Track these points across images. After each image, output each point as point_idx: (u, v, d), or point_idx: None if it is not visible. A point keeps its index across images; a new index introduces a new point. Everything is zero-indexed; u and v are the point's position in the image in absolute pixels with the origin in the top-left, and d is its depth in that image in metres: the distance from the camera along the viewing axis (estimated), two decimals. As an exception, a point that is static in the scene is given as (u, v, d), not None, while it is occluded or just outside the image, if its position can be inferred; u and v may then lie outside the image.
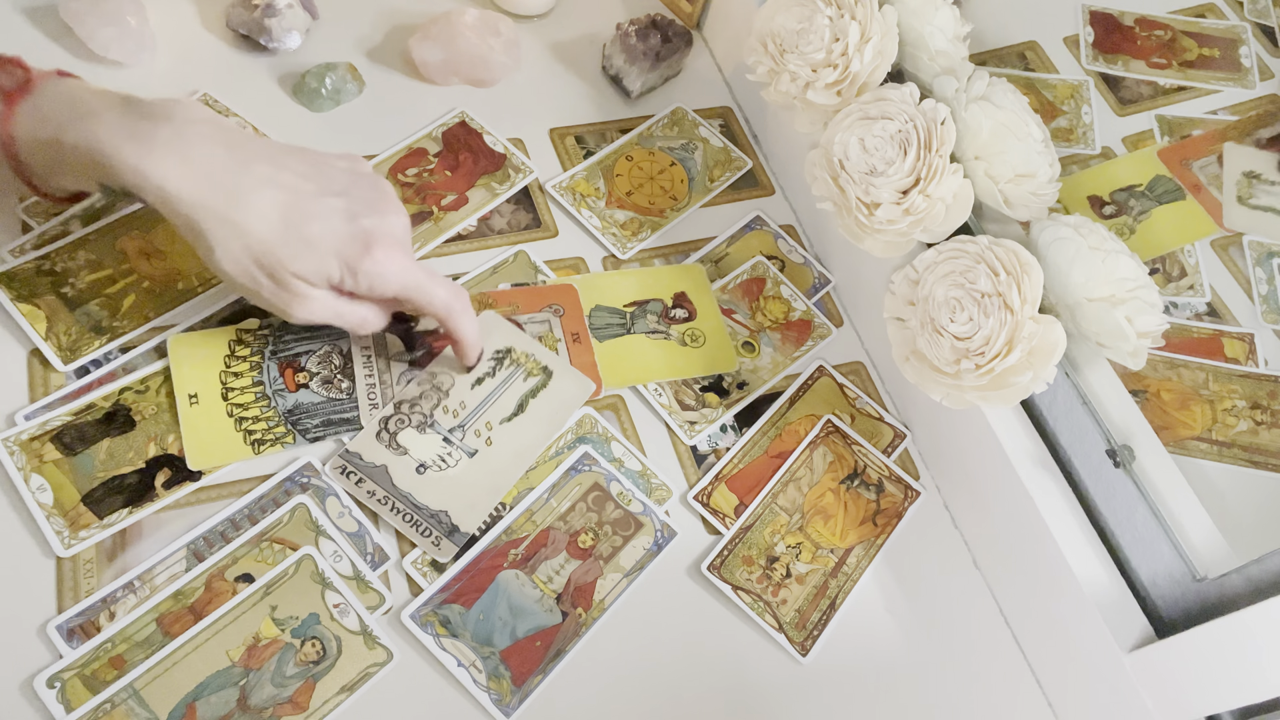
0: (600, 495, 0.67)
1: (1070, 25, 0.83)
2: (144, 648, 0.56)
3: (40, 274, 0.67)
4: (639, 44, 0.88)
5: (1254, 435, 0.63)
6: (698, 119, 0.91)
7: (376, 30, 0.90)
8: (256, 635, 0.58)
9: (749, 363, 0.77)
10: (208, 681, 0.56)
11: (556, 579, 0.64)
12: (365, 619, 0.59)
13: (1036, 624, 0.68)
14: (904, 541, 0.72)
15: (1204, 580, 0.59)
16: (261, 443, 0.64)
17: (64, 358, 0.64)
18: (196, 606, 0.58)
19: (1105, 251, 0.61)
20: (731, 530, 0.68)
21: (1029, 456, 0.67)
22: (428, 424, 0.67)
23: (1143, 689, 0.59)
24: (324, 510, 0.63)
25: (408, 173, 0.80)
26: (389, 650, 0.59)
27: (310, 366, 0.67)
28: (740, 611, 0.66)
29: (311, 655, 0.58)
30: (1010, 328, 0.60)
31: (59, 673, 0.54)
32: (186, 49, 0.83)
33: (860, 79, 0.72)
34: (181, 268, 0.70)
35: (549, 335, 0.73)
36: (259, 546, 0.60)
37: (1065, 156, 0.73)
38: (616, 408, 0.73)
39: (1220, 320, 0.68)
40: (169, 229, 0.71)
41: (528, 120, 0.87)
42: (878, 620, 0.68)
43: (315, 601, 0.59)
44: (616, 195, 0.84)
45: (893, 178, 0.67)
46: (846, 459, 0.74)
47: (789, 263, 0.84)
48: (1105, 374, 0.66)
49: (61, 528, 0.58)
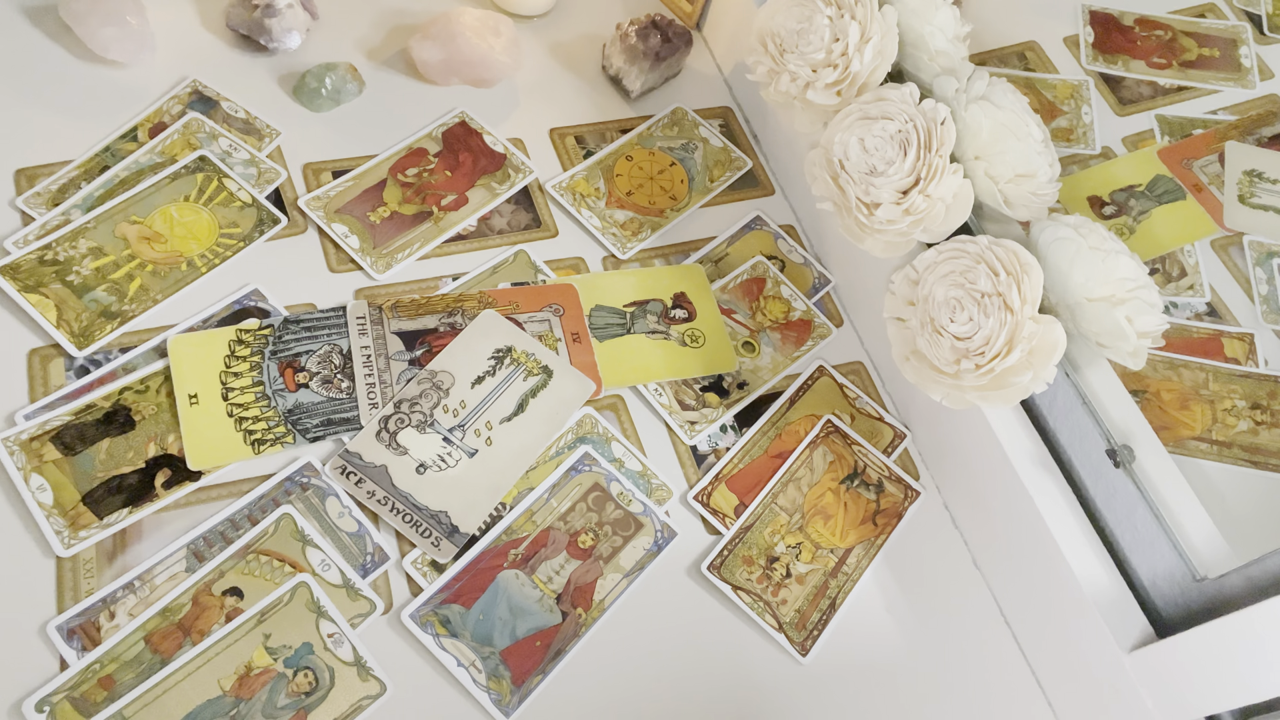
0: (600, 495, 0.67)
1: (1070, 25, 0.83)
2: (133, 667, 0.56)
3: (44, 264, 0.67)
4: (639, 44, 0.88)
5: (1254, 435, 0.63)
6: (698, 119, 0.91)
7: (376, 30, 0.90)
8: (249, 664, 0.57)
9: (749, 363, 0.77)
10: (198, 710, 0.55)
11: (556, 579, 0.64)
12: (359, 650, 0.59)
13: (1036, 624, 0.68)
14: (904, 541, 0.72)
15: (1204, 580, 0.59)
16: (261, 443, 0.64)
17: (77, 344, 0.65)
18: (185, 623, 0.57)
19: (1105, 251, 0.61)
20: (731, 530, 0.68)
21: (1029, 456, 0.67)
22: (428, 423, 0.67)
23: (1143, 689, 0.59)
24: (315, 517, 0.62)
25: (408, 173, 0.80)
26: (382, 682, 0.58)
27: (310, 366, 0.67)
28: (740, 611, 0.66)
29: (304, 686, 0.57)
30: (1010, 328, 0.60)
31: (48, 695, 0.54)
32: (186, 49, 0.83)
33: (860, 79, 0.72)
34: (183, 250, 0.70)
35: (549, 335, 0.73)
36: (245, 559, 0.60)
37: (1065, 156, 0.73)
38: (616, 408, 0.73)
39: (1220, 320, 0.68)
40: (166, 214, 0.71)
41: (528, 120, 0.87)
42: (878, 620, 0.68)
43: (309, 631, 0.59)
44: (616, 195, 0.84)
45: (893, 178, 0.67)
46: (846, 459, 0.74)
47: (789, 263, 0.84)
48: (1105, 374, 0.66)
49: (61, 528, 0.58)
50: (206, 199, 0.74)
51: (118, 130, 0.77)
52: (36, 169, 0.73)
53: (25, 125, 0.75)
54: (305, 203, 0.76)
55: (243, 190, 0.75)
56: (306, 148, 0.80)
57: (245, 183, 0.75)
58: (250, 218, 0.74)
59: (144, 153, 0.75)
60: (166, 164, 0.75)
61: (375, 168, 0.80)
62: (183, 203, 0.73)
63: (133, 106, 0.78)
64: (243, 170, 0.76)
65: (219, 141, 0.77)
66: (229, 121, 0.79)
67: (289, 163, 0.79)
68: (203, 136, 0.77)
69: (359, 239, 0.75)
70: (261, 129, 0.80)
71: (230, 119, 0.79)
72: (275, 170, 0.77)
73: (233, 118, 0.80)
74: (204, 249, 0.72)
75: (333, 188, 0.78)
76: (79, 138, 0.75)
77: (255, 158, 0.77)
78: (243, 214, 0.74)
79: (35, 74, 0.78)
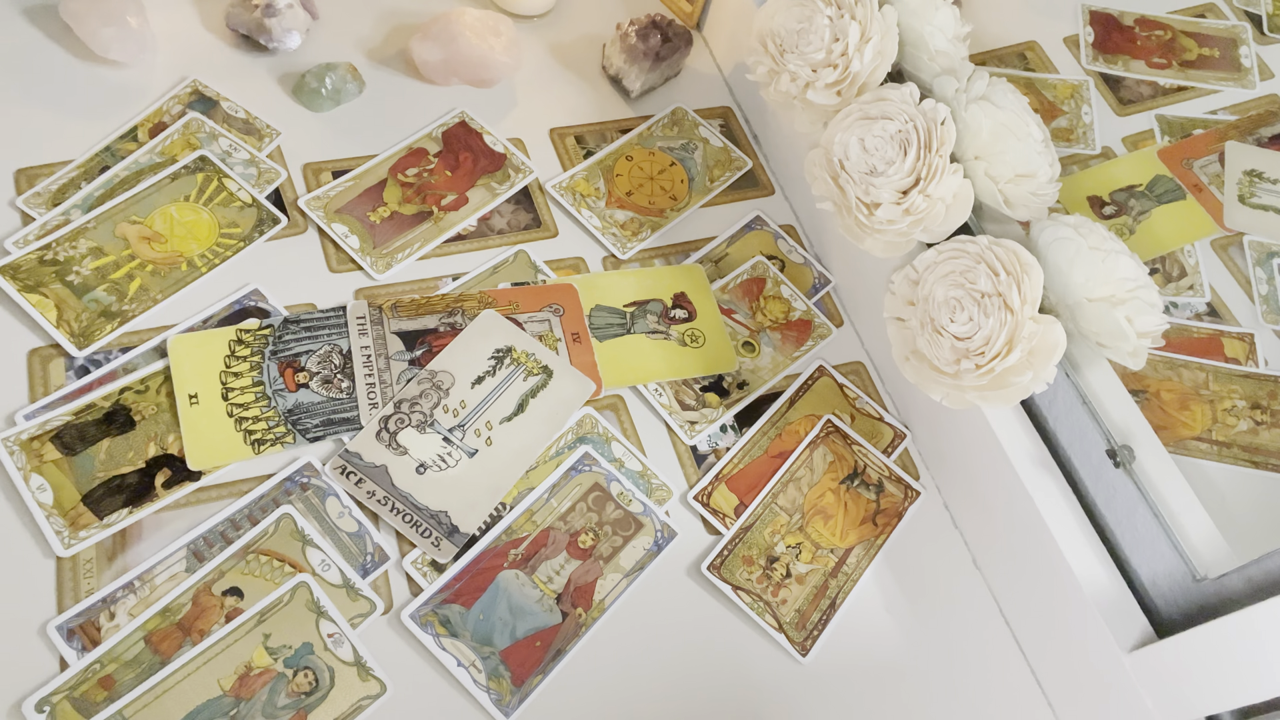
0: (600, 495, 0.67)
1: (1070, 25, 0.83)
2: (133, 667, 0.56)
3: (44, 264, 0.67)
4: (639, 44, 0.88)
5: (1254, 435, 0.63)
6: (698, 119, 0.91)
7: (376, 30, 0.90)
8: (249, 664, 0.57)
9: (749, 363, 0.77)
10: (198, 710, 0.55)
11: (556, 579, 0.64)
12: (359, 650, 0.58)
13: (1036, 624, 0.68)
14: (904, 541, 0.72)
15: (1204, 580, 0.59)
16: (261, 443, 0.64)
17: (77, 344, 0.65)
18: (185, 623, 0.57)
19: (1105, 251, 0.61)
20: (731, 530, 0.68)
21: (1029, 456, 0.67)
22: (428, 423, 0.67)
23: (1143, 689, 0.59)
24: (315, 517, 0.62)
25: (408, 173, 0.80)
26: (382, 682, 0.58)
27: (310, 366, 0.67)
28: (740, 611, 0.66)
29: (304, 686, 0.57)
30: (1010, 328, 0.60)
31: (48, 695, 0.54)
32: (187, 49, 0.83)
33: (860, 79, 0.72)
34: (184, 250, 0.70)
35: (549, 335, 0.73)
36: (245, 559, 0.60)
37: (1065, 156, 0.73)
38: (616, 408, 0.73)
39: (1220, 320, 0.68)
40: (166, 214, 0.71)
41: (528, 120, 0.87)
42: (878, 620, 0.68)
43: (309, 631, 0.59)
44: (616, 195, 0.83)
45: (893, 178, 0.67)
46: (846, 459, 0.74)
47: (789, 263, 0.84)
48: (1105, 374, 0.66)
49: (61, 528, 0.58)
50: (206, 199, 0.74)
51: (118, 130, 0.77)
52: (36, 169, 0.73)
53: (25, 125, 0.75)
54: (305, 203, 0.76)
55: (243, 190, 0.75)
56: (306, 148, 0.80)
57: (245, 183, 0.75)
58: (250, 218, 0.74)
59: (144, 153, 0.75)
60: (166, 164, 0.75)
61: (375, 168, 0.80)
62: (183, 203, 0.73)
63: (133, 106, 0.78)
64: (243, 170, 0.76)
65: (219, 141, 0.77)
66: (229, 121, 0.79)
67: (289, 163, 0.79)
68: (203, 136, 0.77)
69: (359, 239, 0.75)
70: (261, 129, 0.80)
71: (230, 119, 0.79)
72: (275, 170, 0.77)
73: (233, 118, 0.80)
74: (204, 249, 0.72)
75: (333, 188, 0.78)
76: (79, 138, 0.75)
77: (255, 158, 0.77)
78: (243, 214, 0.74)
79: (35, 74, 0.78)
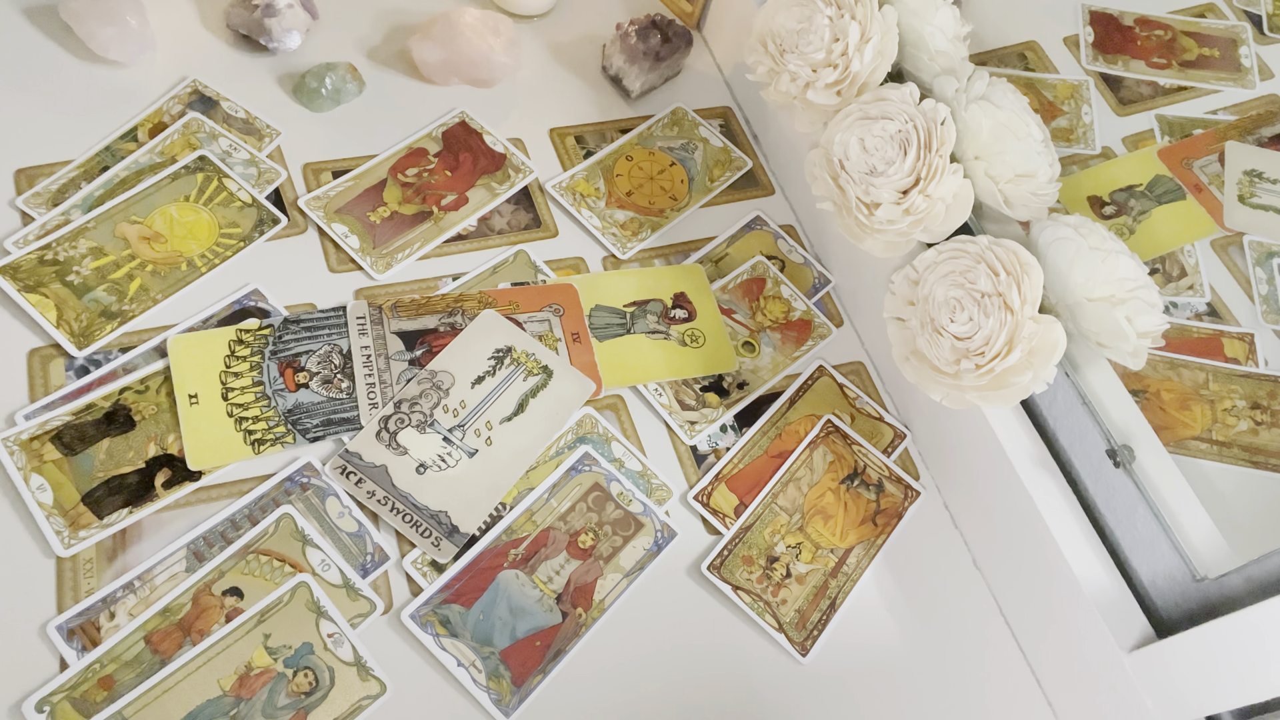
0: (600, 495, 0.67)
1: (1070, 25, 0.83)
2: (133, 667, 0.56)
3: (44, 264, 0.67)
4: (639, 44, 0.88)
5: (1254, 435, 0.63)
6: (698, 119, 0.91)
7: (376, 30, 0.90)
8: (249, 664, 0.57)
9: (749, 363, 0.77)
10: (198, 710, 0.55)
11: (556, 579, 0.64)
12: (359, 650, 0.58)
13: (1036, 624, 0.68)
14: (904, 541, 0.72)
15: (1204, 580, 0.59)
16: (261, 443, 0.64)
17: (77, 344, 0.65)
18: (185, 623, 0.57)
19: (1105, 251, 0.61)
20: (731, 530, 0.68)
21: (1029, 456, 0.67)
22: (428, 423, 0.67)
23: (1143, 689, 0.59)
24: (315, 517, 0.62)
25: (408, 173, 0.80)
26: (382, 682, 0.58)
27: (310, 366, 0.67)
28: (740, 611, 0.66)
29: (304, 686, 0.57)
30: (1010, 328, 0.60)
31: (48, 695, 0.54)
32: (186, 49, 0.83)
33: (860, 79, 0.72)
34: (184, 250, 0.70)
35: (549, 335, 0.73)
36: (245, 559, 0.60)
37: (1065, 156, 0.73)
38: (616, 408, 0.73)
39: (1220, 320, 0.68)
40: (166, 214, 0.71)
41: (528, 120, 0.87)
42: (878, 620, 0.68)
43: (309, 631, 0.59)
44: (616, 195, 0.83)
45: (893, 178, 0.67)
46: (846, 459, 0.74)
47: (789, 263, 0.84)
48: (1105, 374, 0.66)
49: (61, 528, 0.58)
50: (206, 199, 0.74)
51: (118, 130, 0.77)
52: (36, 169, 0.73)
53: (25, 125, 0.75)
54: (305, 203, 0.76)
55: (243, 190, 0.75)
56: (306, 148, 0.80)
57: (245, 183, 0.75)
58: (250, 218, 0.74)
59: (144, 153, 0.75)
60: (166, 164, 0.75)
61: (375, 168, 0.80)
62: (183, 203, 0.73)
63: (133, 106, 0.78)
64: (243, 170, 0.76)
65: (219, 141, 0.77)
66: (229, 121, 0.79)
67: (289, 163, 0.79)
68: (203, 136, 0.77)
69: (359, 239, 0.75)
70: (261, 129, 0.80)
71: (230, 119, 0.79)
72: (275, 170, 0.77)
73: (233, 118, 0.80)
74: (204, 249, 0.72)
75: (333, 188, 0.78)
76: (79, 138, 0.75)
77: (255, 158, 0.77)
78: (243, 214, 0.74)
79: (35, 74, 0.78)
